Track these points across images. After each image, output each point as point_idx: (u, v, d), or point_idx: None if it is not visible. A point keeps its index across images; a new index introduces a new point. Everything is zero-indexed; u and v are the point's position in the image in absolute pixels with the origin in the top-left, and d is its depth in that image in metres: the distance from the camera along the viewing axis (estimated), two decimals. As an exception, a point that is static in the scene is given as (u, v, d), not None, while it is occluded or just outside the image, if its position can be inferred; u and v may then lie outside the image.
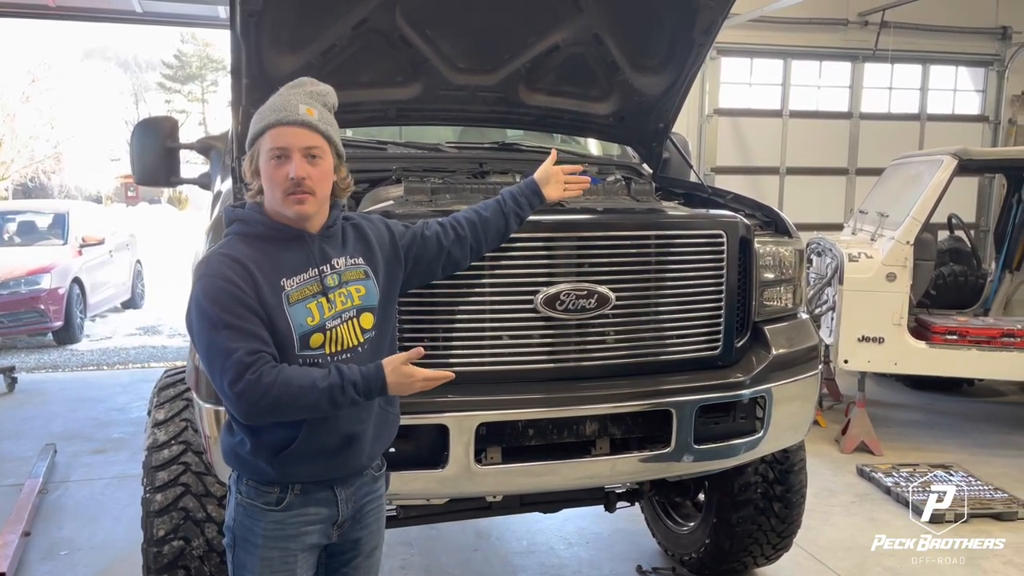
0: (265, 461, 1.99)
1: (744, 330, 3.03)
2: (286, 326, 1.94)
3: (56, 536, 4.34)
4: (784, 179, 10.49)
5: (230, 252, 1.94)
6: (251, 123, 2.00)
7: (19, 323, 9.56)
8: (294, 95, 2.01)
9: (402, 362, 1.95)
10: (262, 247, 1.98)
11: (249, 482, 2.05)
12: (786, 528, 3.65)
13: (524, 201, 2.54)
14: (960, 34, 10.64)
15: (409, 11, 3.11)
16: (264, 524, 2.03)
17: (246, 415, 1.90)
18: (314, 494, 2.05)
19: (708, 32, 3.38)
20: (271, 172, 1.96)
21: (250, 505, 2.04)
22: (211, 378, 1.91)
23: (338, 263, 2.05)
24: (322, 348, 1.98)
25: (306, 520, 2.05)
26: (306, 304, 1.96)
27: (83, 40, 37.58)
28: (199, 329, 1.90)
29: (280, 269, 1.96)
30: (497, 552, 4.25)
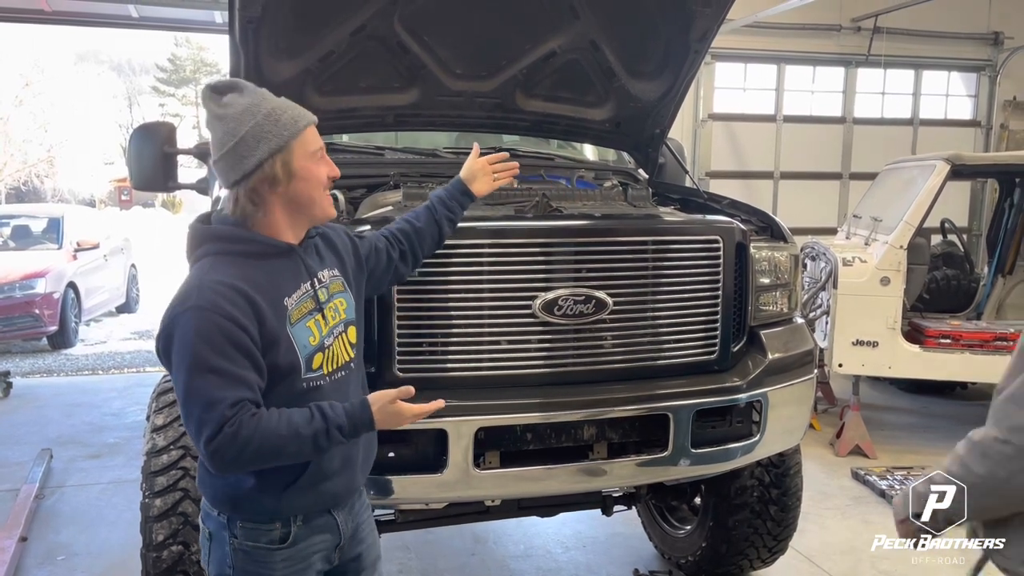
0: (273, 497, 1.87)
1: (740, 335, 3.05)
2: (290, 350, 1.82)
3: (53, 541, 4.33)
4: (778, 183, 10.53)
5: (226, 279, 1.76)
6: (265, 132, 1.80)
7: (14, 328, 9.54)
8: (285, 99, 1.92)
9: (390, 400, 1.83)
10: (255, 266, 1.82)
11: (245, 524, 1.89)
12: (782, 531, 3.67)
13: (455, 204, 2.46)
14: (953, 39, 10.70)
15: (407, 18, 3.13)
16: (276, 564, 1.90)
17: (220, 469, 1.75)
18: (316, 522, 1.95)
19: (704, 38, 3.41)
20: (316, 172, 1.87)
21: (253, 548, 1.90)
22: (185, 422, 1.74)
23: (323, 276, 1.95)
24: (321, 368, 1.88)
25: (313, 550, 1.96)
26: (305, 323, 1.86)
27: (76, 43, 37.48)
28: (180, 365, 1.72)
29: (280, 288, 1.83)
30: (494, 556, 4.26)
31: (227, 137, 1.80)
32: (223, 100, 1.82)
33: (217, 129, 1.82)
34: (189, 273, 1.84)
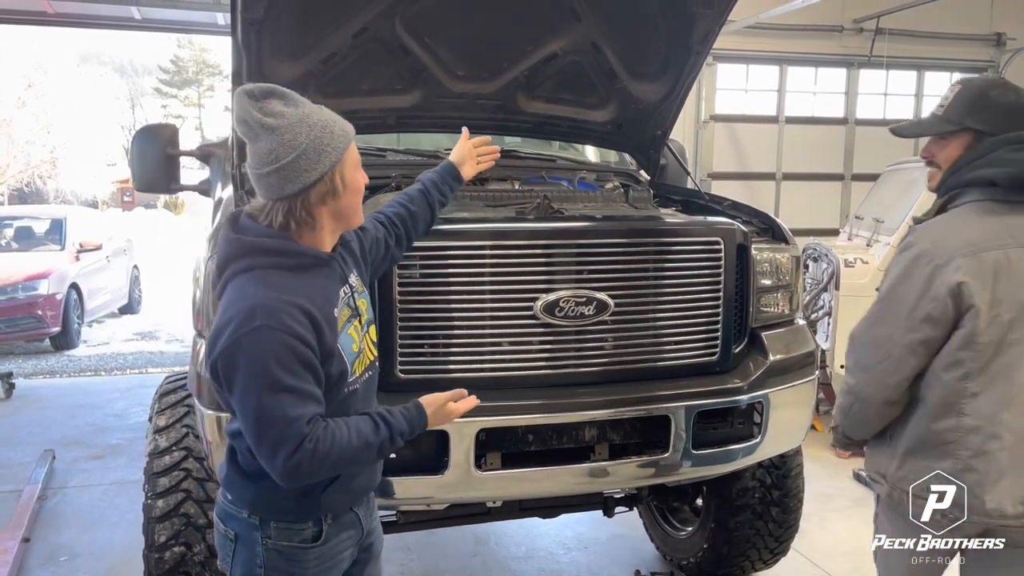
0: (312, 498, 1.89)
1: (741, 336, 3.05)
2: (340, 359, 1.83)
3: (56, 542, 4.34)
4: (780, 185, 10.54)
5: (286, 296, 1.72)
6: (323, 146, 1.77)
7: (16, 329, 9.56)
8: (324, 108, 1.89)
9: (444, 402, 1.93)
10: (304, 279, 1.80)
11: (279, 524, 1.90)
12: (784, 533, 3.67)
13: (446, 188, 2.49)
14: (955, 40, 10.70)
15: (409, 20, 3.14)
16: (309, 563, 1.93)
17: (294, 482, 1.75)
18: (342, 519, 1.98)
19: (705, 40, 3.41)
20: (359, 182, 1.89)
21: (287, 548, 1.91)
22: (256, 443, 1.72)
23: (352, 280, 1.95)
24: (355, 371, 1.90)
25: (342, 547, 2.00)
26: (347, 330, 1.87)
27: (79, 45, 37.56)
28: (250, 386, 1.69)
29: (329, 299, 1.83)
30: (496, 557, 4.27)
31: (284, 149, 1.74)
32: (269, 108, 1.76)
33: (267, 140, 1.74)
34: (240, 288, 1.76)
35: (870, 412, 2.19)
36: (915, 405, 2.13)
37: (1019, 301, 2.00)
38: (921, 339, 2.04)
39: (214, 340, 1.74)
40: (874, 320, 2.16)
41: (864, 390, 2.16)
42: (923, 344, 2.05)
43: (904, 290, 2.06)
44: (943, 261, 2.01)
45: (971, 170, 2.09)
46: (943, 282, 2.00)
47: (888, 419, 2.19)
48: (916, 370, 2.09)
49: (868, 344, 2.15)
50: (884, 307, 2.13)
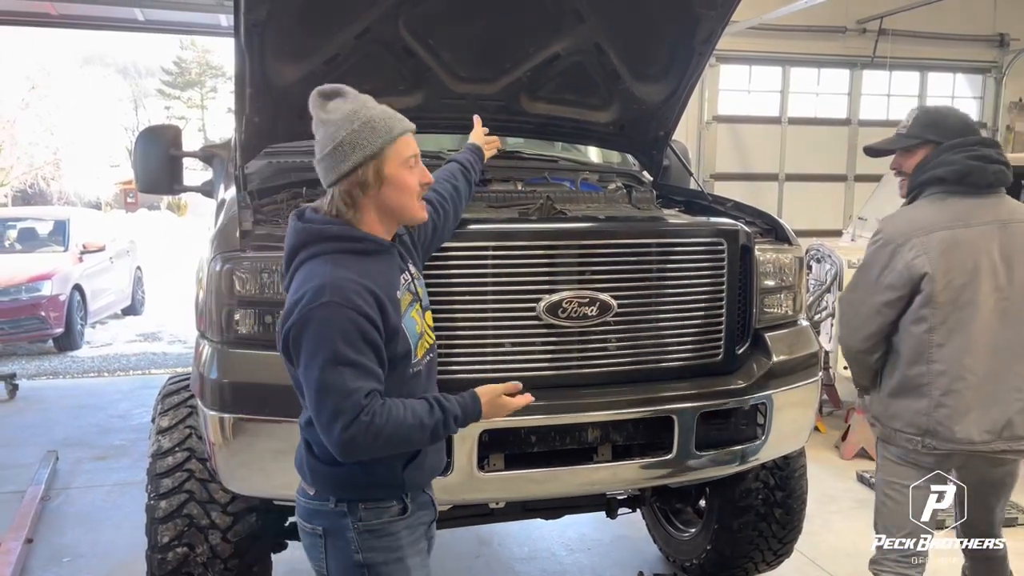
0: (396, 475, 1.98)
1: (745, 337, 3.05)
2: (404, 340, 1.94)
3: (59, 543, 4.34)
4: (783, 186, 10.53)
5: (354, 276, 1.85)
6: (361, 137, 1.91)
7: (20, 330, 9.58)
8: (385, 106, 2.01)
9: (498, 394, 2.00)
10: (369, 263, 1.93)
11: (367, 506, 1.98)
12: (787, 534, 3.66)
13: (478, 166, 2.75)
14: (958, 41, 10.69)
15: (411, 21, 3.14)
16: (401, 533, 2.02)
17: (350, 455, 1.83)
18: (419, 499, 2.08)
19: (708, 41, 3.41)
20: (407, 179, 1.96)
21: (378, 526, 1.99)
22: (316, 413, 1.82)
23: (411, 266, 2.09)
24: (417, 354, 2.01)
25: (424, 522, 2.11)
26: (411, 313, 1.99)
27: (82, 47, 37.64)
28: (314, 358, 1.79)
29: (392, 283, 1.96)
30: (499, 558, 4.26)
31: (327, 141, 1.93)
32: (328, 105, 1.96)
33: (319, 132, 1.96)
34: (311, 270, 1.88)
35: (850, 358, 2.81)
36: (894, 357, 2.69)
37: (967, 269, 2.54)
38: (884, 302, 2.62)
39: (285, 317, 1.87)
40: (851, 288, 2.78)
41: (844, 341, 2.80)
42: (886, 306, 2.62)
43: (873, 265, 2.66)
44: (902, 242, 2.59)
45: (924, 172, 2.66)
46: (901, 259, 2.58)
47: (867, 367, 2.78)
48: (883, 327, 2.66)
49: (846, 305, 2.81)
50: (858, 278, 2.74)
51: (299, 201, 3.25)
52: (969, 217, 2.57)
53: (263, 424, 2.56)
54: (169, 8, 8.31)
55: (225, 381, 2.57)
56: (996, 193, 2.64)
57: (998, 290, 2.56)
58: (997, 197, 2.63)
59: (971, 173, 2.58)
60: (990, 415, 2.55)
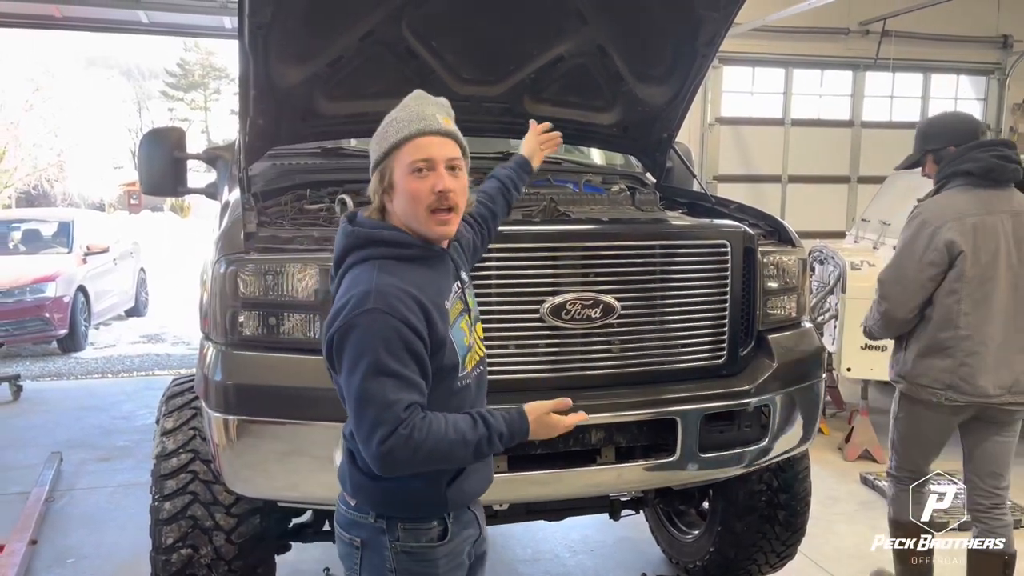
0: (438, 494, 1.89)
1: (748, 339, 3.05)
2: (452, 351, 1.84)
3: (63, 544, 4.35)
4: (786, 187, 10.52)
5: (401, 284, 1.76)
6: (379, 138, 1.87)
7: (24, 331, 9.59)
8: (427, 105, 1.88)
9: (547, 411, 1.86)
10: (417, 270, 1.83)
11: (406, 525, 1.89)
12: (790, 536, 3.66)
13: (520, 183, 2.54)
14: (961, 43, 10.68)
15: (415, 23, 3.15)
16: (439, 561, 1.91)
17: (388, 470, 1.74)
18: (462, 517, 1.97)
19: (711, 43, 3.41)
20: (413, 187, 1.80)
21: (416, 549, 1.89)
22: (356, 424, 1.75)
23: (463, 275, 1.99)
24: (466, 366, 1.90)
25: (464, 546, 1.98)
26: (459, 324, 1.88)
27: (86, 49, 37.64)
28: (355, 366, 1.72)
29: (441, 291, 1.86)
30: (502, 560, 4.26)
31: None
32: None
33: None
34: (357, 275, 1.81)
35: (893, 325, 3.30)
36: (925, 323, 3.22)
37: (991, 249, 3.10)
38: (928, 276, 3.15)
39: (329, 322, 1.78)
40: (895, 266, 3.26)
41: (890, 311, 3.26)
42: (930, 280, 3.15)
43: (916, 245, 3.17)
44: (940, 224, 3.13)
45: (954, 166, 3.21)
46: (940, 238, 3.11)
47: (903, 330, 3.30)
48: (924, 298, 3.18)
49: (892, 281, 3.26)
50: (902, 257, 3.24)
51: (303, 203, 3.26)
52: (991, 206, 3.13)
53: (267, 426, 2.57)
54: (173, 10, 8.33)
55: (229, 383, 2.58)
56: (1009, 187, 3.19)
57: (1010, 268, 3.13)
58: (1010, 191, 3.18)
59: (994, 169, 3.13)
60: (1001, 375, 3.14)
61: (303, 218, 3.10)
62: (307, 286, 2.62)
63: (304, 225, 2.98)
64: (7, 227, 11.39)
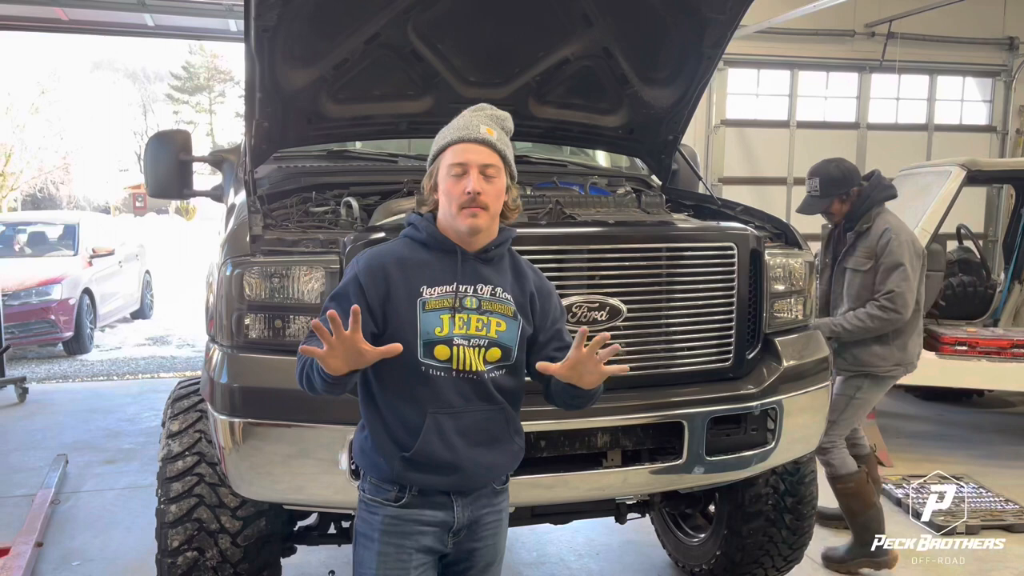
0: (387, 462, 2.06)
1: (755, 342, 3.04)
2: (412, 329, 2.01)
3: (68, 547, 4.35)
4: (791, 189, 10.49)
5: (382, 254, 2.10)
6: (434, 142, 2.13)
7: (30, 334, 9.61)
8: (476, 117, 2.12)
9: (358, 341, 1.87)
10: (420, 253, 2.10)
11: (372, 480, 2.11)
12: (797, 540, 3.64)
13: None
14: (967, 44, 10.65)
15: (420, 26, 3.15)
16: (382, 518, 2.09)
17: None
18: (431, 498, 2.08)
19: (717, 45, 3.40)
20: (449, 186, 2.05)
21: (371, 501, 2.11)
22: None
23: (483, 289, 2.08)
24: (449, 362, 2.02)
25: (422, 521, 2.09)
26: (440, 315, 2.03)
27: (92, 52, 37.87)
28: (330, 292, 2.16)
29: (425, 277, 2.06)
30: (507, 563, 4.19)
31: None
32: None
33: None
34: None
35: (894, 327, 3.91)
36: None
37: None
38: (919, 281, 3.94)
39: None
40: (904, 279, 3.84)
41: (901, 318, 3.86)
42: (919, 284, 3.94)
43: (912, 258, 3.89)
44: (912, 237, 3.96)
45: (878, 195, 4.04)
46: (919, 247, 3.97)
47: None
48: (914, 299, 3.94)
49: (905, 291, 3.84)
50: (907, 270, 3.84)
51: (309, 206, 3.26)
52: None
53: (273, 428, 2.56)
54: (179, 13, 8.35)
55: (235, 385, 2.58)
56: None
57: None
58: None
59: (895, 194, 4.09)
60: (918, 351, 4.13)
61: (309, 221, 3.10)
62: (313, 288, 2.62)
63: (310, 228, 2.98)
64: (13, 230, 11.43)
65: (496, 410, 2.10)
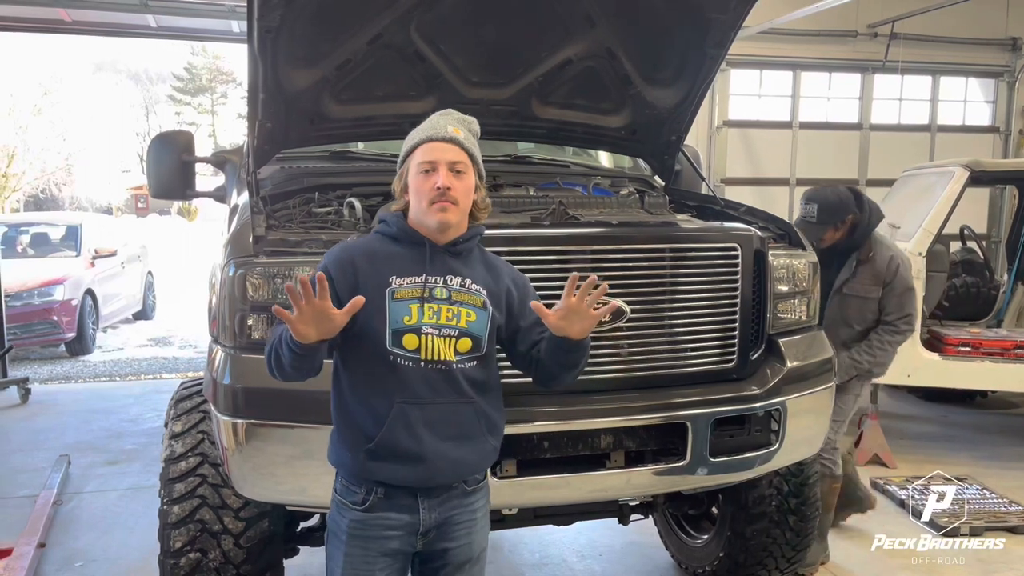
0: (351, 452, 2.11)
1: (759, 343, 3.03)
2: (381, 317, 2.06)
3: (71, 547, 4.35)
4: (794, 190, 10.47)
5: (351, 247, 2.18)
6: (403, 144, 2.20)
7: (32, 334, 9.62)
8: (443, 119, 2.19)
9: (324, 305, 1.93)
10: (390, 246, 2.16)
11: (342, 479, 2.17)
12: (801, 541, 3.63)
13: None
14: (970, 45, 10.63)
15: (423, 26, 3.14)
16: (348, 521, 2.14)
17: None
18: (397, 499, 2.11)
19: (720, 45, 3.40)
20: (419, 184, 2.12)
21: (340, 502, 2.17)
22: None
23: (453, 280, 2.13)
24: (418, 352, 2.07)
25: (387, 524, 2.12)
26: (408, 304, 2.08)
27: (94, 53, 37.92)
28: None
29: (394, 268, 2.12)
30: (510, 564, 4.25)
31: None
32: None
33: None
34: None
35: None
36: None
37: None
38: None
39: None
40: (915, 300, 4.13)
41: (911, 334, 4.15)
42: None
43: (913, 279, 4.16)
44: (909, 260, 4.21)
45: (873, 221, 4.08)
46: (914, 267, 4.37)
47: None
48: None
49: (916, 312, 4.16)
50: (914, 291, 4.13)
51: (311, 206, 3.26)
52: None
53: (276, 429, 2.56)
54: (182, 15, 8.35)
55: (238, 386, 2.58)
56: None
57: None
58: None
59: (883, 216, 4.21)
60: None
61: (311, 221, 3.10)
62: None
63: (313, 228, 2.97)
64: (16, 231, 11.43)
65: (465, 404, 2.12)
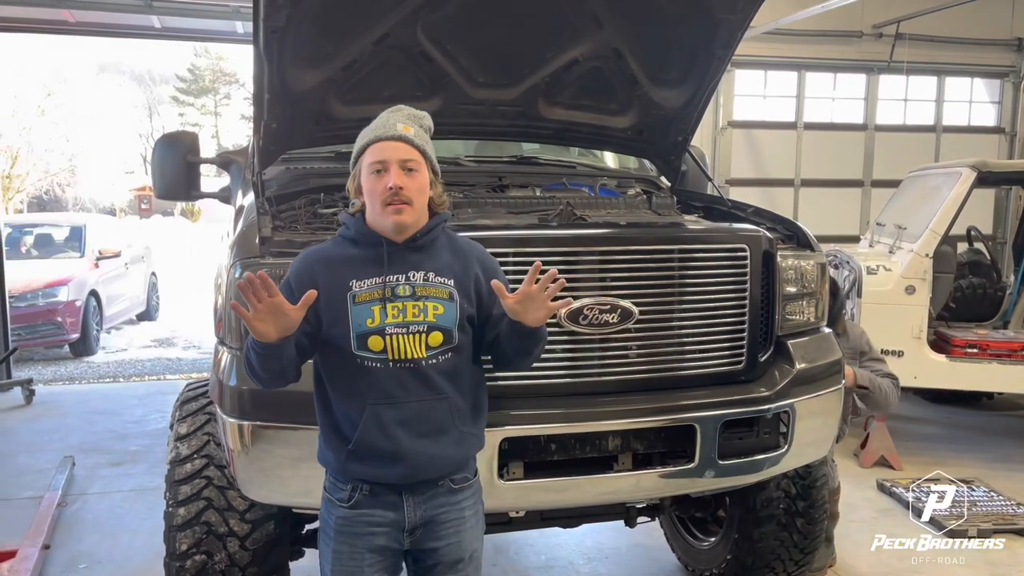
0: (336, 457, 2.12)
1: (767, 344, 3.01)
2: (344, 323, 2.07)
3: (75, 549, 4.34)
4: (799, 191, 10.46)
5: (308, 257, 2.18)
6: (354, 145, 2.17)
7: (36, 335, 9.63)
8: (393, 116, 2.18)
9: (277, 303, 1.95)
10: (349, 250, 2.15)
11: (330, 476, 2.19)
12: (809, 544, 3.61)
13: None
14: (976, 46, 10.60)
15: (429, 27, 3.13)
16: (335, 518, 2.16)
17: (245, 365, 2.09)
18: (382, 497, 2.12)
19: (727, 45, 3.37)
20: (372, 185, 2.09)
21: (327, 499, 2.19)
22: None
23: (415, 276, 2.11)
24: (384, 353, 2.06)
25: (372, 522, 2.13)
26: (370, 306, 2.07)
27: (98, 54, 37.89)
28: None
29: (354, 271, 2.10)
30: (516, 567, 4.23)
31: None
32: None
33: None
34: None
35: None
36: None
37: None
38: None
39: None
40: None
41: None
42: None
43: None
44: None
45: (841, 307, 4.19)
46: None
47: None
48: None
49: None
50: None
51: (317, 207, 3.25)
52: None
53: (282, 431, 2.55)
54: (186, 15, 8.34)
55: (244, 388, 2.56)
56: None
57: None
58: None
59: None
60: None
61: (317, 222, 3.09)
62: (322, 291, 2.60)
63: (318, 229, 2.96)
64: (20, 232, 11.44)
65: (438, 400, 2.11)
